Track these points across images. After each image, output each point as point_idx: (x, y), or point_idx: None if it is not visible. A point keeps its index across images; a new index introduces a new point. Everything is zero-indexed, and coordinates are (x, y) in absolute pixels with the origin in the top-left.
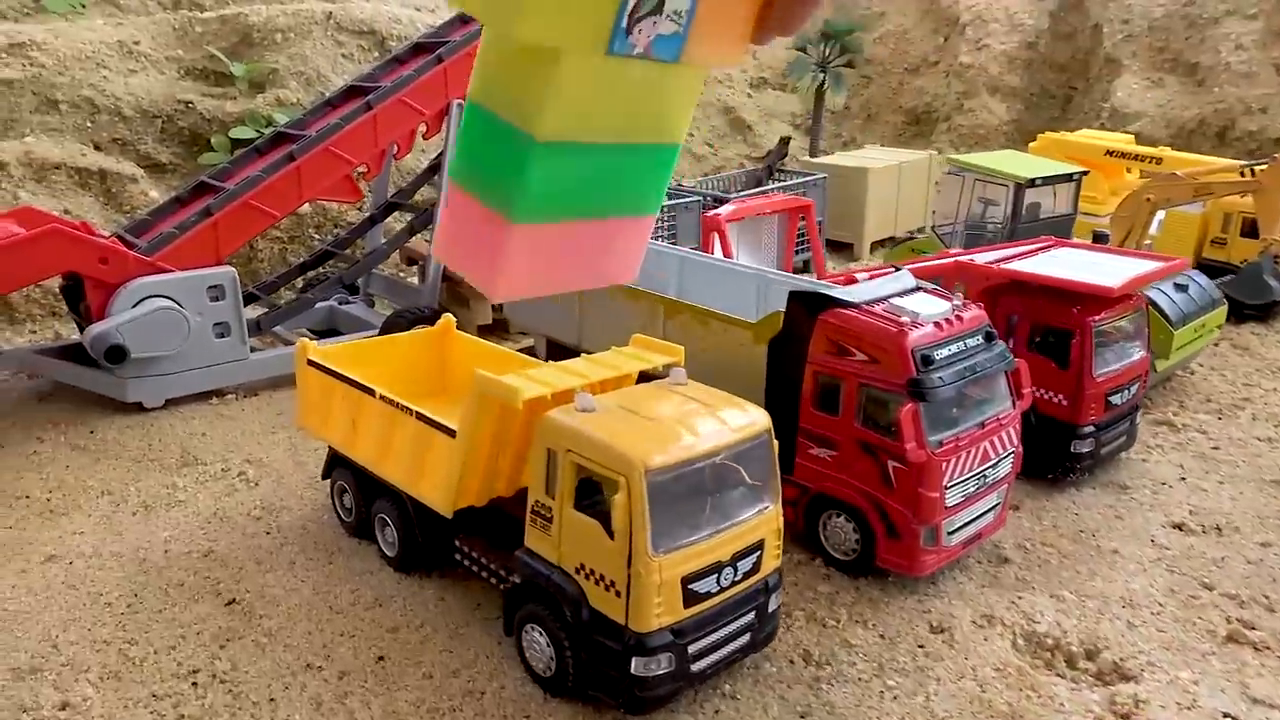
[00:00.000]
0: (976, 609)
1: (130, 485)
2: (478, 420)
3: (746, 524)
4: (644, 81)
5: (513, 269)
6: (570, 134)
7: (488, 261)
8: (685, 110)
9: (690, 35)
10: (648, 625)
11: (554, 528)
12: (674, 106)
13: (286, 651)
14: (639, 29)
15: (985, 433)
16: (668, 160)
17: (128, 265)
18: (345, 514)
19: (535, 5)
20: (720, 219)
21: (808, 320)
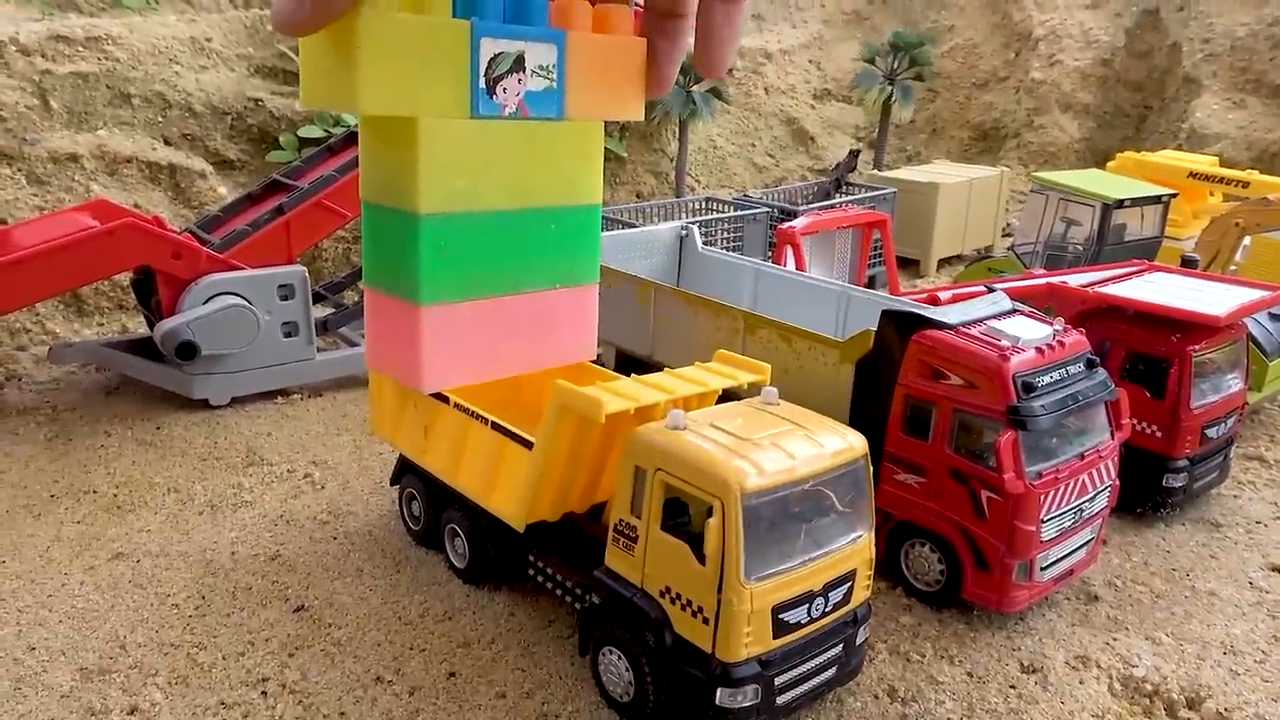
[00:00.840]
0: (1070, 649)
1: (196, 484)
2: (556, 432)
3: (839, 553)
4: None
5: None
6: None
7: (410, 354)
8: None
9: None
10: (736, 655)
11: (638, 548)
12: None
13: (356, 663)
14: (502, 89)
15: (1084, 464)
16: (588, 223)
17: (200, 261)
18: (413, 522)
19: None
20: (795, 231)
21: (900, 341)
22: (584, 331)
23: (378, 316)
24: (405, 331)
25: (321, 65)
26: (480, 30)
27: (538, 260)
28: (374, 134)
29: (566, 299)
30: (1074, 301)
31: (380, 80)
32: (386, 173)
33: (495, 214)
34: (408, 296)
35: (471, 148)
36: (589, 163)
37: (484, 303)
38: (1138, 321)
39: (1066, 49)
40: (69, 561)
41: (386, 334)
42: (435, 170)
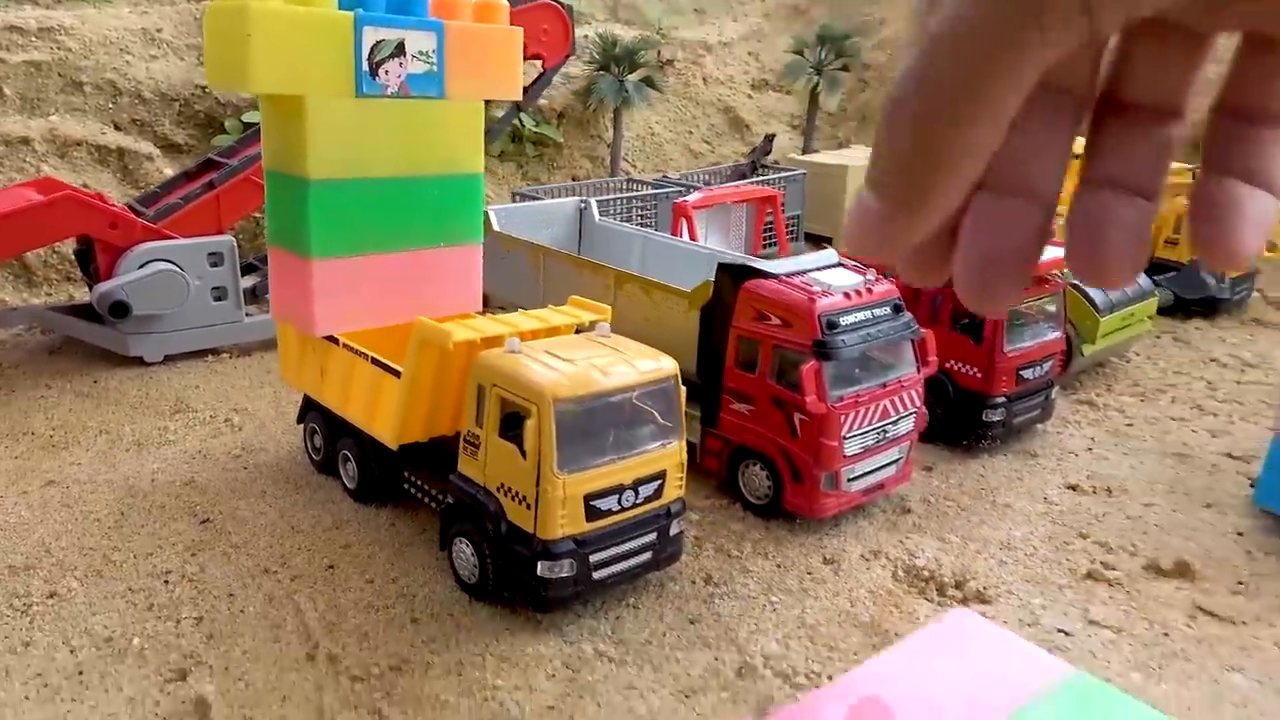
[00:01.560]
0: (867, 546)
1: (126, 426)
2: (419, 363)
3: (649, 455)
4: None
5: (327, 303)
6: (344, 172)
7: (303, 302)
8: (473, 139)
9: (450, 72)
10: (552, 534)
11: (481, 453)
12: (459, 137)
13: (248, 559)
14: (384, 71)
15: (886, 392)
16: (472, 188)
17: (134, 231)
18: (315, 453)
19: (261, 63)
20: (688, 205)
21: (733, 289)
22: (468, 286)
23: (279, 271)
24: (300, 283)
25: (221, 50)
26: (363, 20)
27: (421, 222)
28: (272, 109)
29: (450, 257)
30: None
31: (270, 64)
32: (283, 144)
33: (381, 181)
34: (301, 252)
35: (356, 122)
36: (470, 137)
37: (370, 258)
38: None
39: None
40: (4, 488)
41: (285, 285)
42: (323, 142)
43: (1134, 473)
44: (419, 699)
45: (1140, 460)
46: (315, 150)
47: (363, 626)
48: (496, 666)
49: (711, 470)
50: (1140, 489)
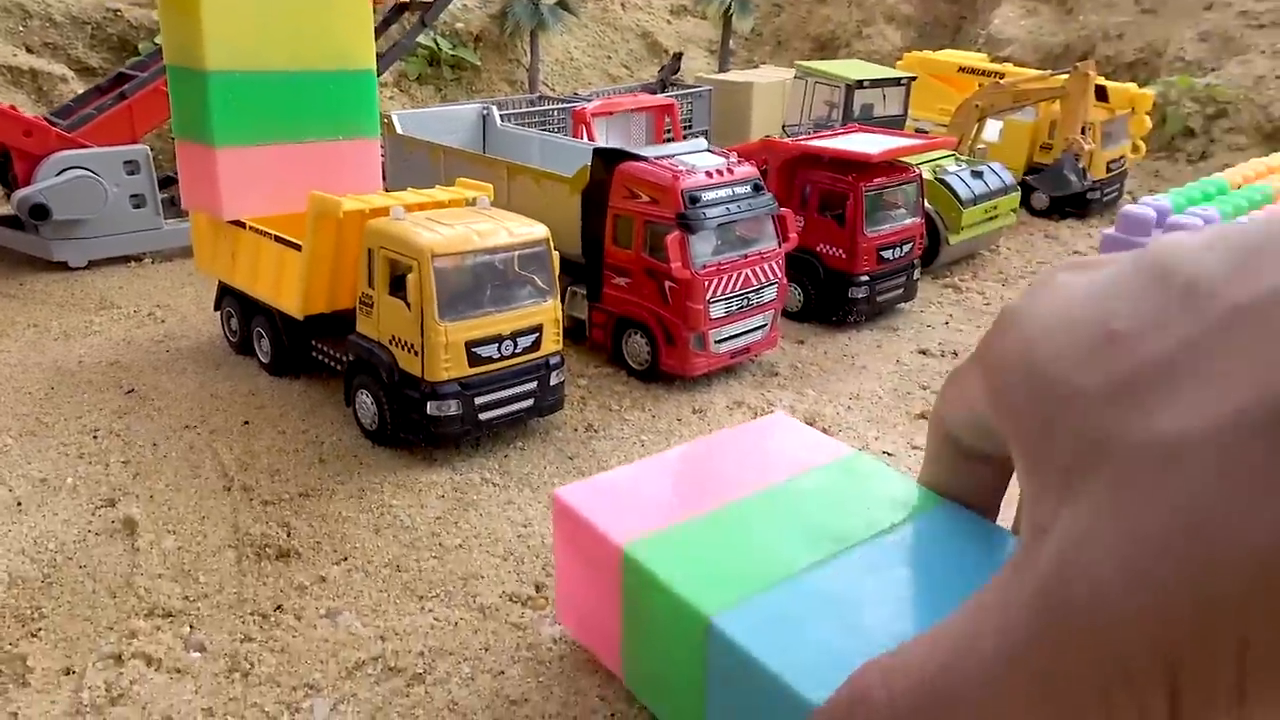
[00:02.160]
0: (731, 398)
1: (53, 321)
2: (315, 234)
3: (525, 309)
4: (303, 12)
5: (233, 189)
6: (240, 63)
7: (211, 188)
8: (362, 36)
9: None
10: (437, 376)
11: (374, 311)
12: (348, 34)
13: (170, 419)
14: None
15: (748, 262)
16: (365, 84)
17: (49, 139)
18: (232, 335)
19: None
20: (586, 112)
21: (607, 172)
22: (367, 177)
23: (187, 162)
24: (206, 170)
25: None
26: None
27: (319, 115)
28: (168, 6)
29: (349, 149)
30: (780, 152)
31: None
32: (181, 38)
33: (276, 73)
34: (206, 141)
35: (251, 15)
36: (360, 32)
37: (272, 148)
38: (828, 166)
39: None
40: None
41: (193, 175)
42: (218, 34)
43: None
44: (324, 516)
45: None
46: (211, 42)
47: (274, 465)
48: (394, 491)
49: (600, 343)
50: None
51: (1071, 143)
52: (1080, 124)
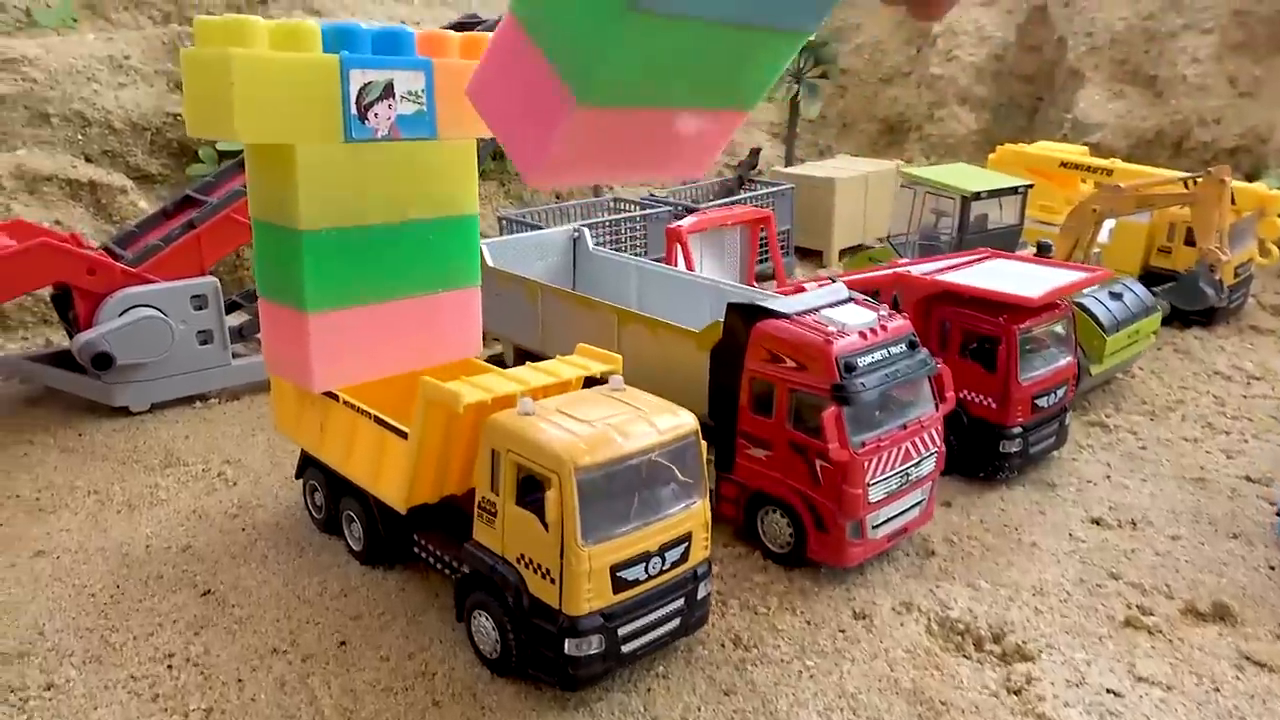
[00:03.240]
0: (897, 597)
1: (115, 485)
2: (426, 424)
3: (674, 518)
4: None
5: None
6: (337, 220)
7: (300, 358)
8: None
9: (441, 111)
10: (579, 609)
11: (498, 521)
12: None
13: (255, 637)
14: (374, 114)
15: (907, 434)
16: (467, 231)
17: (114, 276)
18: (316, 511)
19: (246, 112)
20: (682, 230)
21: (745, 329)
22: (468, 331)
23: (272, 325)
24: (295, 337)
25: (202, 98)
26: (349, 63)
27: (418, 267)
28: (258, 157)
29: (449, 302)
30: (916, 289)
31: (254, 112)
32: (271, 193)
33: (375, 227)
34: (296, 305)
35: (348, 168)
36: (464, 177)
37: (368, 308)
38: (971, 304)
39: (963, 45)
40: None
41: (280, 340)
42: (314, 190)
43: (1155, 502)
44: None
45: (1159, 487)
46: (306, 199)
47: (382, 714)
48: None
49: (728, 517)
50: (1164, 520)
51: (1207, 253)
52: (1216, 233)
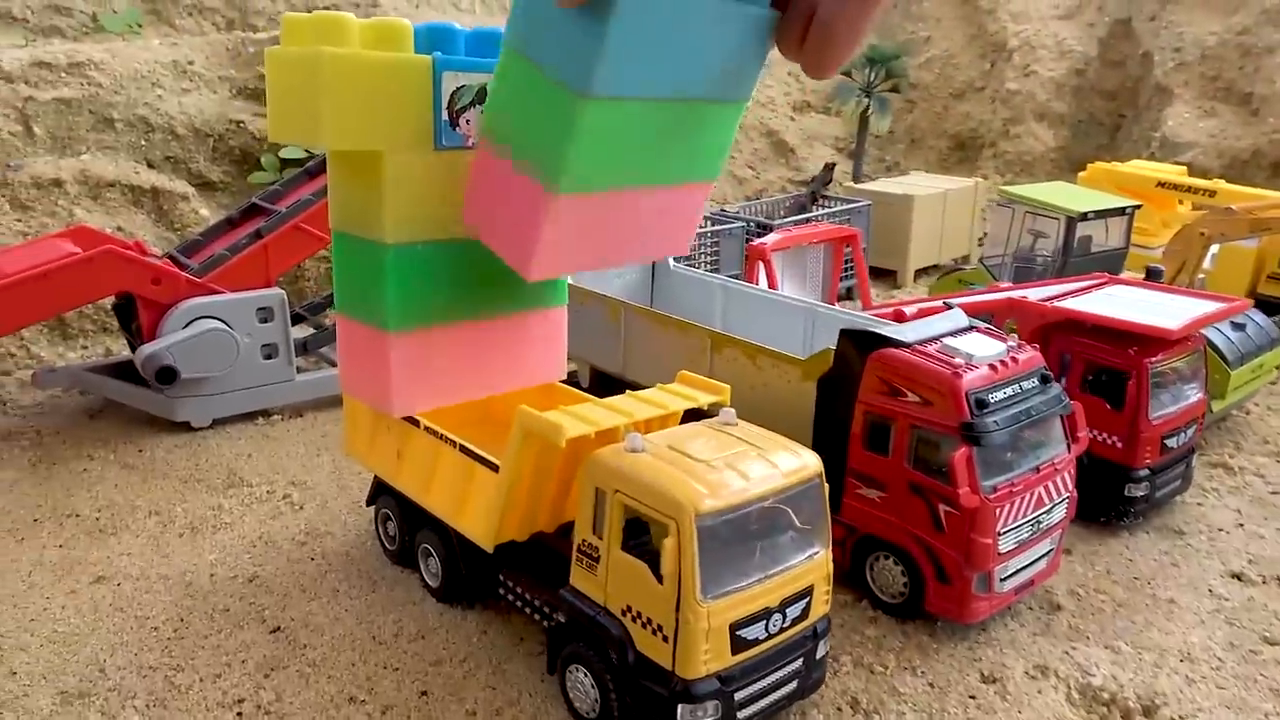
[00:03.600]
0: (1029, 659)
1: (177, 506)
2: (520, 456)
3: (796, 570)
4: None
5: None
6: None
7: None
8: None
9: None
10: (695, 672)
11: (600, 568)
12: None
13: (330, 683)
14: (465, 120)
15: (1040, 477)
16: None
17: (179, 286)
18: (389, 542)
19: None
20: (766, 248)
21: (859, 359)
22: (553, 353)
23: (349, 343)
24: (375, 358)
25: (288, 102)
26: (442, 64)
27: (505, 285)
28: (342, 165)
29: (535, 322)
30: (1034, 316)
31: (344, 116)
32: (355, 203)
33: (462, 243)
34: (377, 324)
35: (437, 179)
36: None
37: (452, 328)
38: (1096, 334)
39: (1041, 59)
40: (51, 585)
41: (358, 359)
42: (401, 201)
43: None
44: None
45: None
46: (393, 211)
47: None
48: None
49: (833, 561)
50: None
51: None
52: None
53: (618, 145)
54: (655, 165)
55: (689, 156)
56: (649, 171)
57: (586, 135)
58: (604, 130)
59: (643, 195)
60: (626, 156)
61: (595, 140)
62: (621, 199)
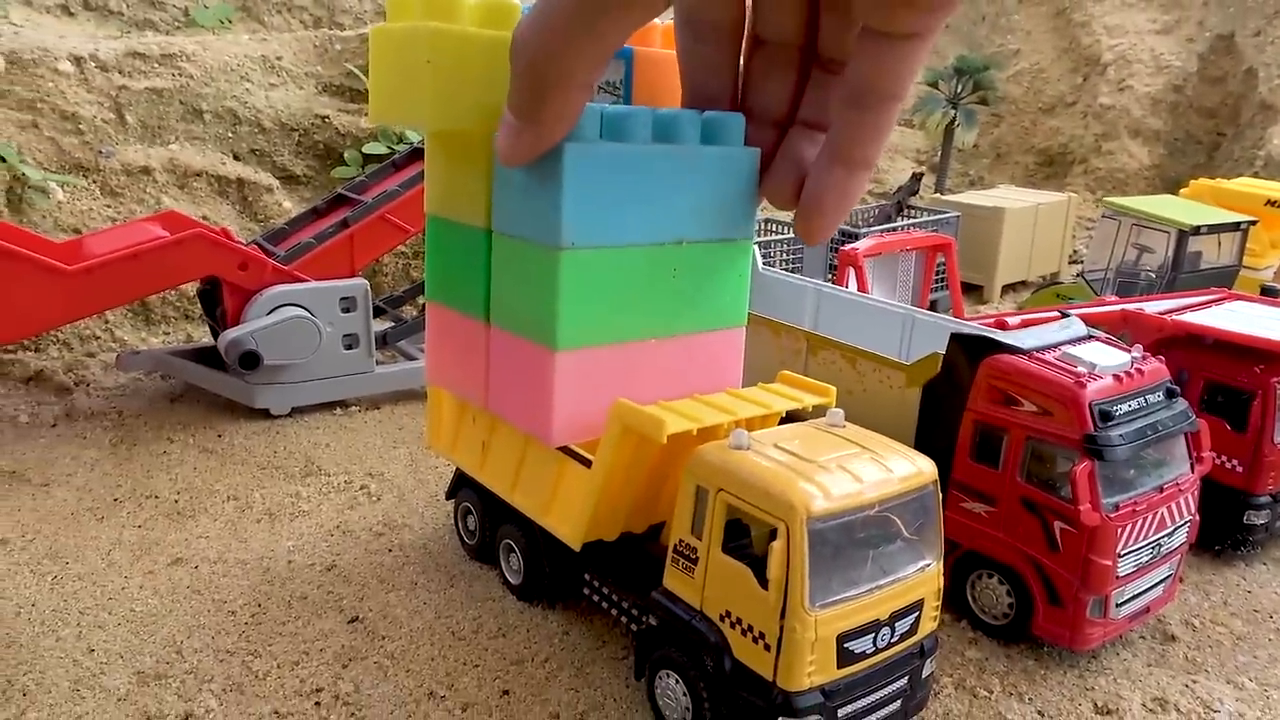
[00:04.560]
0: (1146, 691)
1: (255, 491)
2: (616, 452)
3: (907, 581)
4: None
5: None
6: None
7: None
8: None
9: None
10: (799, 684)
11: (698, 570)
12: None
13: (409, 677)
14: None
15: (1163, 498)
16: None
17: (265, 273)
18: (469, 536)
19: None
20: (858, 253)
21: (969, 365)
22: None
23: (441, 333)
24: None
25: (391, 81)
26: None
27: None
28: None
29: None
30: (1150, 329)
31: (450, 96)
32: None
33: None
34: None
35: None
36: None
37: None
38: (1218, 351)
39: (1137, 74)
40: (129, 565)
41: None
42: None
43: None
44: None
45: None
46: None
47: None
48: None
49: None
50: None
51: None
52: None
53: (615, 295)
54: (667, 313)
55: (704, 301)
56: (662, 321)
57: (573, 287)
58: (592, 280)
59: (663, 346)
60: (630, 306)
61: (586, 292)
62: (638, 351)
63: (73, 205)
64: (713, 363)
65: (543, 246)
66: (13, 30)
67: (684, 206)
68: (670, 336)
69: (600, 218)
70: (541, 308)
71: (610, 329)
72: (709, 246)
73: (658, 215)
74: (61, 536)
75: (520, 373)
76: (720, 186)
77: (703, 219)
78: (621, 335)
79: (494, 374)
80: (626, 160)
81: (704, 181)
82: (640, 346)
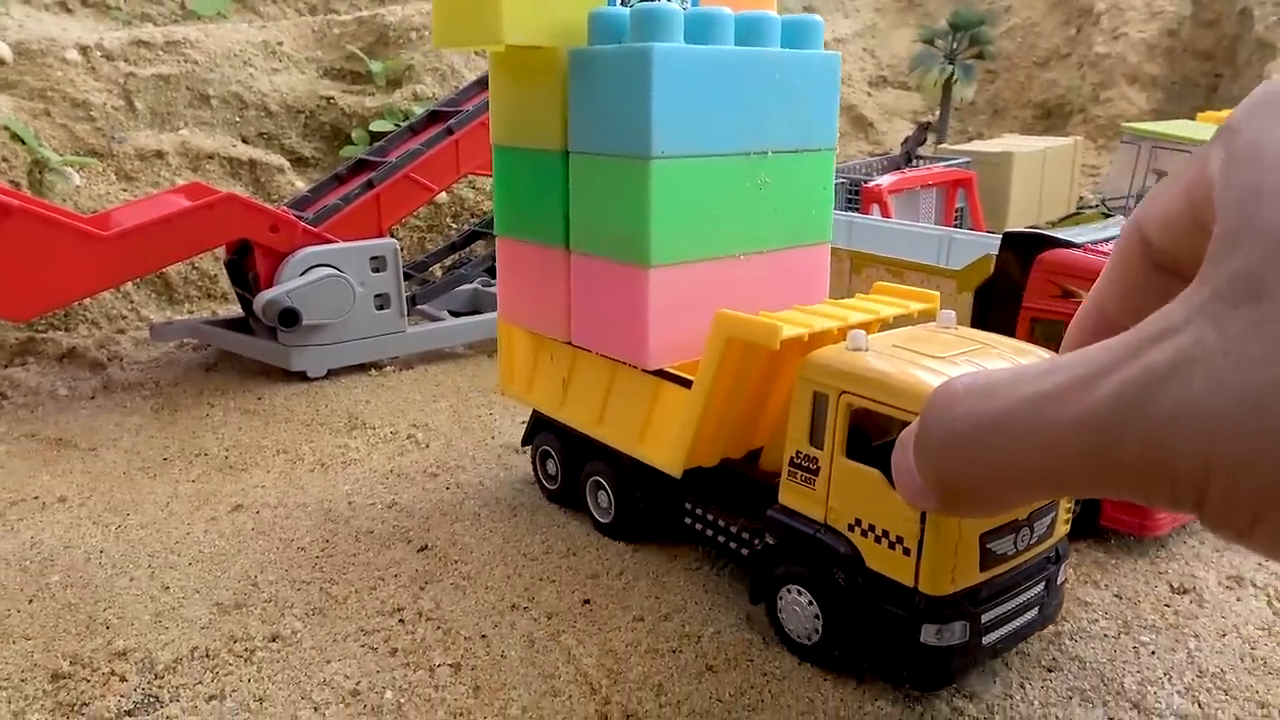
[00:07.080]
0: (1221, 570)
1: (304, 445)
2: (720, 365)
3: None
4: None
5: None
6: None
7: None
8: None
9: None
10: (942, 588)
11: (820, 481)
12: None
13: (489, 593)
14: None
15: None
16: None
17: (296, 234)
18: (549, 481)
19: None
20: (883, 189)
21: (1023, 263)
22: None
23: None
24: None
25: (458, 3)
26: None
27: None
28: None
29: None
30: None
31: (522, 9)
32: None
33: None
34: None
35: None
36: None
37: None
38: None
39: (1130, 21)
40: (190, 514)
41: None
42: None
43: None
44: None
45: None
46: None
47: (652, 676)
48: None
49: None
50: None
51: None
52: None
53: (705, 208)
54: (756, 228)
55: (792, 215)
56: (752, 236)
57: (664, 200)
58: (683, 193)
59: (753, 262)
60: (720, 220)
61: (676, 205)
62: (730, 267)
63: (90, 189)
64: (802, 279)
65: (631, 158)
66: (16, 24)
67: (770, 113)
68: (760, 252)
69: (689, 126)
70: (631, 224)
71: (701, 244)
72: (795, 157)
73: (744, 123)
74: (117, 493)
75: (608, 298)
76: (804, 92)
77: (789, 126)
78: (713, 250)
79: (577, 304)
80: (713, 64)
81: (788, 87)
82: (731, 263)
